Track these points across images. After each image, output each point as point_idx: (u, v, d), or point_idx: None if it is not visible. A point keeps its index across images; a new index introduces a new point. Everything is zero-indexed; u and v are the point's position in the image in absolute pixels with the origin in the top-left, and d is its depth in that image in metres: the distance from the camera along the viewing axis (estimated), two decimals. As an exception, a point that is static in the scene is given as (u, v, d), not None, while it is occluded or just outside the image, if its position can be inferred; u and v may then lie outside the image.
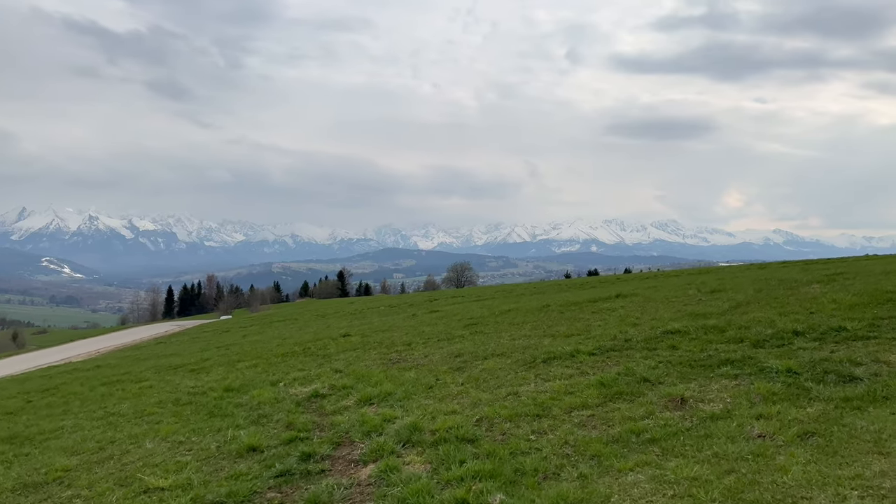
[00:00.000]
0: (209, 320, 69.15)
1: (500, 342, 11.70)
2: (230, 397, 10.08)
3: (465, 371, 9.60)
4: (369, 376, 10.10)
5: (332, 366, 11.81)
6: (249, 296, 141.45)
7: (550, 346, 10.36)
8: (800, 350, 8.01)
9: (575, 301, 17.63)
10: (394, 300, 52.31)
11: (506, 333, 12.84)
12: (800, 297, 12.43)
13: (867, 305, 10.22)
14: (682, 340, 9.42)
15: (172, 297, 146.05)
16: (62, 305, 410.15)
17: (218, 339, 27.86)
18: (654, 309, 13.54)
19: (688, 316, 11.61)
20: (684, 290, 16.62)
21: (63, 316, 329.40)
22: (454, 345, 12.27)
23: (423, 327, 16.54)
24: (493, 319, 15.97)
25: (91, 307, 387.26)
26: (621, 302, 15.90)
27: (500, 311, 17.81)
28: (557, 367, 8.94)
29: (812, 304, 11.08)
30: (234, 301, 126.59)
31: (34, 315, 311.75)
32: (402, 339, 14.45)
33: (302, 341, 17.41)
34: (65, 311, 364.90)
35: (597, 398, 7.22)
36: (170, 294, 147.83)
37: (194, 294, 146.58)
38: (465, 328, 14.80)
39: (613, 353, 9.28)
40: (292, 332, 23.61)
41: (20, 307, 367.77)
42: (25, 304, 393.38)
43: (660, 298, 15.50)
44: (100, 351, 36.72)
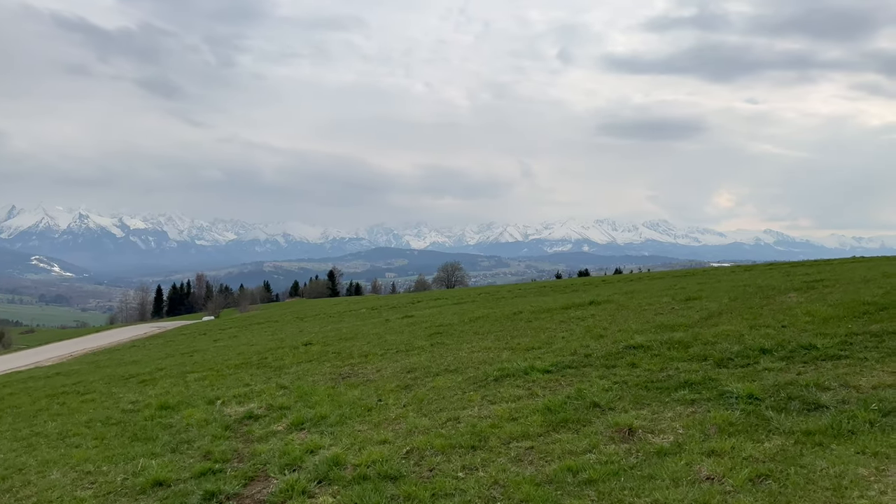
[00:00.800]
0: (192, 321, 68.18)
1: (459, 355, 11.05)
2: (162, 417, 9.39)
3: (413, 390, 8.95)
4: (312, 394, 9.42)
5: (279, 380, 11.12)
6: (239, 295, 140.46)
7: (507, 361, 9.72)
8: (765, 371, 7.39)
9: (548, 308, 17.01)
10: (377, 301, 51.55)
11: (467, 345, 12.20)
12: (775, 307, 11.84)
13: (842, 319, 9.63)
14: (643, 357, 8.80)
15: (161, 297, 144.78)
16: (52, 304, 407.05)
17: (189, 343, 27.10)
18: (623, 319, 12.93)
19: (655, 328, 10.99)
20: (660, 297, 16.03)
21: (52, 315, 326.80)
22: (411, 357, 11.61)
23: (388, 335, 15.87)
24: (460, 327, 15.32)
25: (81, 306, 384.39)
26: (593, 310, 15.28)
27: (471, 318, 17.17)
28: (508, 386, 8.29)
29: (785, 316, 10.48)
30: (223, 301, 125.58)
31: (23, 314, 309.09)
32: (362, 349, 13.78)
33: (263, 350, 16.72)
34: (54, 310, 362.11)
35: (540, 426, 6.57)
36: (159, 293, 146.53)
37: (184, 293, 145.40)
38: (430, 337, 14.14)
39: (569, 371, 8.64)
40: (262, 338, 22.89)
41: (9, 306, 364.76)
42: (14, 303, 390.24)
43: (633, 306, 14.89)
44: (73, 354, 35.84)
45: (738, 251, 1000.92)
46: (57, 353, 38.35)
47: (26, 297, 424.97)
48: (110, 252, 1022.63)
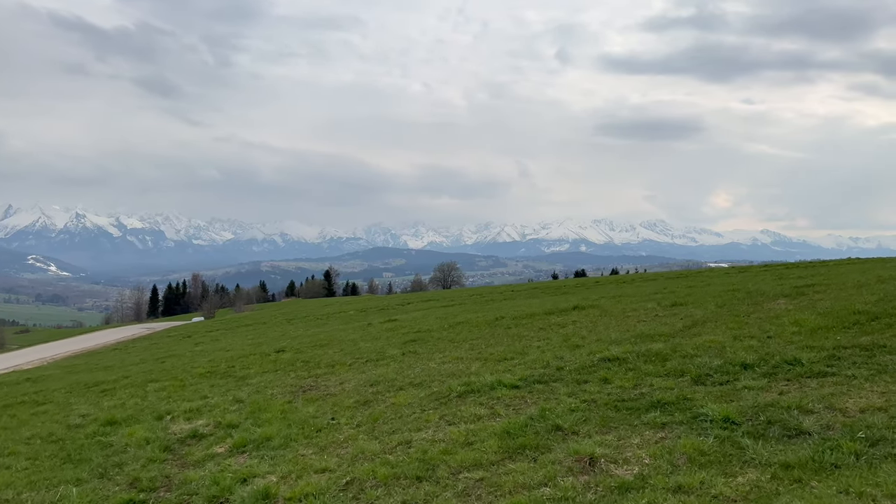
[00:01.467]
0: (184, 322, 67.47)
1: (428, 366, 10.45)
2: (104, 434, 8.77)
3: (371, 406, 8.34)
4: (265, 410, 8.82)
5: (238, 393, 10.51)
6: (235, 296, 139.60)
7: (476, 374, 9.13)
8: (744, 390, 6.79)
9: (531, 313, 16.41)
10: (368, 303, 50.90)
11: (440, 354, 11.59)
12: (762, 315, 11.25)
13: (831, 329, 9.04)
14: (617, 371, 8.21)
15: (157, 297, 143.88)
16: (48, 304, 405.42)
17: (169, 347, 26.47)
18: (604, 326, 12.34)
19: (635, 338, 10.40)
20: (645, 302, 15.43)
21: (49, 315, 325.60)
22: (379, 368, 11.00)
23: (364, 342, 15.26)
24: (438, 334, 14.72)
25: (77, 306, 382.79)
26: (576, 315, 14.69)
27: (452, 324, 16.57)
28: (471, 404, 7.69)
29: (772, 326, 9.90)
30: (218, 301, 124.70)
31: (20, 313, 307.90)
32: (333, 357, 13.16)
33: (236, 356, 16.09)
34: (51, 310, 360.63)
35: (495, 453, 5.97)
36: (154, 294, 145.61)
37: (179, 294, 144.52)
38: (404, 345, 13.54)
39: (538, 387, 8.05)
40: (242, 342, 22.28)
41: (5, 305, 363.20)
42: (11, 303, 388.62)
43: (616, 312, 14.30)
44: (55, 357, 35.17)
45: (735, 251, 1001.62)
46: (40, 356, 37.68)
47: (23, 297, 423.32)
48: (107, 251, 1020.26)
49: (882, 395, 6.21)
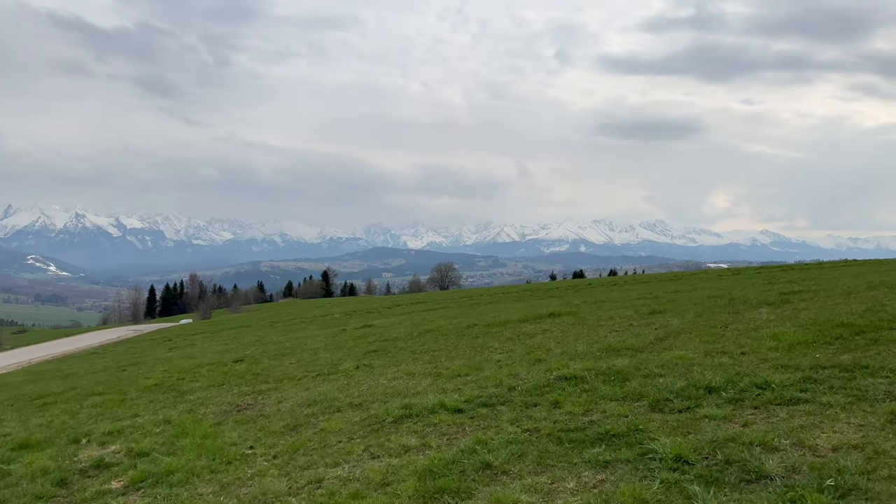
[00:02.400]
0: (172, 324, 66.66)
1: (377, 383, 9.62)
2: (8, 460, 7.94)
3: (298, 433, 7.51)
4: (186, 435, 7.99)
5: (169, 412, 9.69)
6: (231, 296, 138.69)
7: (421, 395, 8.31)
8: (705, 420, 5.96)
9: (505, 320, 15.59)
10: (356, 305, 50.12)
11: (395, 368, 10.77)
12: (741, 326, 10.43)
13: (811, 345, 8.21)
14: (571, 393, 7.38)
15: (155, 297, 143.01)
16: (47, 304, 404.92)
17: (141, 352, 25.65)
18: (574, 337, 11.51)
19: (601, 351, 9.57)
20: (624, 310, 14.61)
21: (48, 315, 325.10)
22: (326, 384, 10.17)
23: (325, 352, 14.43)
24: (403, 343, 13.89)
25: (77, 306, 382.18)
26: (549, 324, 13.86)
27: (422, 331, 15.74)
28: (404, 432, 6.86)
29: (748, 339, 9.07)
30: (215, 301, 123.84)
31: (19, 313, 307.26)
32: (286, 370, 12.33)
33: (194, 366, 15.26)
34: (50, 310, 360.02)
35: (410, 497, 5.14)
36: (152, 294, 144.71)
37: (177, 294, 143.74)
38: (364, 356, 12.72)
39: (482, 411, 7.22)
40: (211, 349, 21.48)
41: (4, 305, 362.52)
42: (10, 303, 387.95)
43: (591, 320, 13.48)
44: (31, 361, 34.36)
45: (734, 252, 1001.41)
46: (20, 359, 36.85)
47: (22, 297, 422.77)
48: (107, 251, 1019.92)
49: (859, 428, 5.38)
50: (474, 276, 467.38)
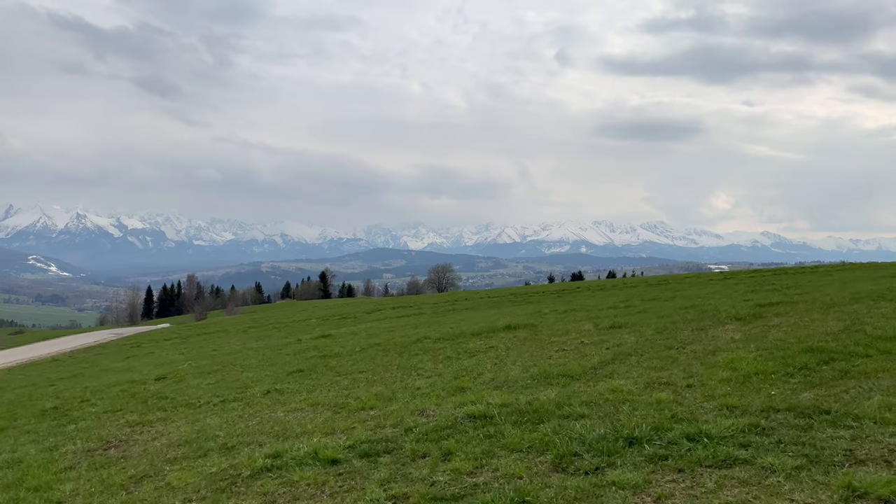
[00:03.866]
0: (148, 328, 65.33)
1: (270, 416, 8.29)
2: None
3: (138, 488, 6.17)
4: (19, 485, 6.67)
5: (31, 448, 8.35)
6: (227, 297, 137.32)
7: (306, 435, 6.99)
8: (610, 489, 4.61)
9: (457, 333, 14.25)
10: (340, 309, 48.73)
11: (304, 395, 9.42)
12: (700, 346, 9.10)
13: (768, 377, 6.88)
14: (472, 438, 6.05)
15: (151, 298, 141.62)
16: (48, 304, 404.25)
17: (93, 362, 24.32)
18: (514, 358, 10.18)
19: (533, 378, 8.25)
20: (584, 323, 13.27)
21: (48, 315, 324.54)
22: (217, 416, 8.82)
23: (253, 370, 13.05)
24: (336, 361, 12.55)
25: (77, 306, 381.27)
26: (498, 339, 12.52)
27: (368, 346, 14.41)
28: (251, 495, 5.52)
29: (700, 368, 7.74)
30: (212, 303, 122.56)
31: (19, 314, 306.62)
32: (192, 394, 10.97)
33: (116, 383, 13.94)
34: (50, 310, 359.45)
35: None
36: (149, 294, 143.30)
37: (174, 295, 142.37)
38: (286, 377, 11.38)
39: (358, 463, 5.86)
40: (157, 361, 20.16)
41: (5, 306, 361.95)
42: (11, 303, 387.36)
43: (545, 336, 12.15)
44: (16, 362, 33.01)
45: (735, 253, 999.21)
46: None
47: (23, 297, 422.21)
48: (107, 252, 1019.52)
49: (806, 511, 4.04)
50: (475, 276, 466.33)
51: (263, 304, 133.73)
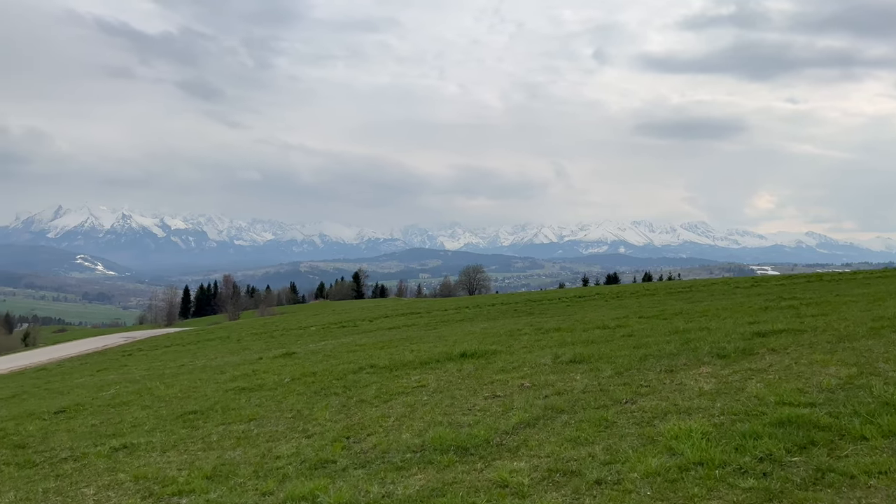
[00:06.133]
0: (170, 330, 64.85)
1: (71, 496, 6.51)
2: None
3: None
4: None
5: None
6: (261, 297, 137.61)
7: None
8: None
9: (407, 362, 12.27)
10: (349, 314, 47.21)
11: (143, 460, 7.53)
12: (653, 402, 6.97)
13: (714, 471, 4.76)
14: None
15: (189, 297, 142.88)
16: (94, 302, 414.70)
17: (61, 377, 23.05)
18: (433, 404, 8.17)
19: (419, 451, 6.25)
20: (544, 354, 11.17)
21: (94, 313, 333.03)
22: (22, 490, 7.05)
23: (148, 408, 11.23)
24: (246, 399, 10.69)
25: (122, 304, 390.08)
26: (438, 373, 10.49)
27: (302, 375, 12.52)
28: None
29: (635, 442, 5.64)
30: (246, 302, 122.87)
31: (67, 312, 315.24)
32: (57, 441, 9.22)
33: (34, 413, 12.36)
34: (96, 308, 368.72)
35: None
36: (186, 294, 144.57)
37: (210, 294, 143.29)
38: (175, 420, 9.55)
39: None
40: (106, 379, 18.69)
41: (54, 304, 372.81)
42: (59, 301, 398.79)
43: (491, 371, 10.11)
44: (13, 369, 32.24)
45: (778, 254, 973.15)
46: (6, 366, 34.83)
47: (71, 295, 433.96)
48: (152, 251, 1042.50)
49: None
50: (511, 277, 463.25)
51: (297, 304, 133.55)
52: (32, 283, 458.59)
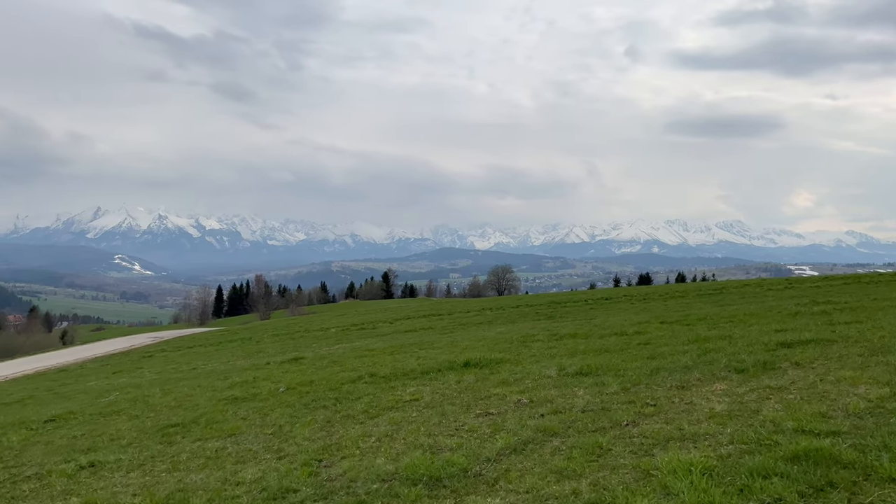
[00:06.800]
0: (199, 330, 65.27)
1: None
2: None
3: None
4: None
5: None
6: (292, 297, 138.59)
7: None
8: None
9: (407, 371, 11.64)
10: (374, 314, 46.83)
11: (104, 482, 7.03)
12: (656, 426, 6.25)
13: None
14: None
15: (222, 297, 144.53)
16: (132, 301, 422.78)
17: (76, 379, 22.99)
18: (421, 421, 7.52)
19: (389, 481, 5.62)
20: (550, 364, 10.45)
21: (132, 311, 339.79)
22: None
23: (134, 419, 10.79)
24: (233, 410, 10.16)
25: (158, 303, 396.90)
26: (435, 385, 9.83)
27: (300, 383, 12.02)
28: None
29: (627, 476, 4.94)
30: (277, 301, 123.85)
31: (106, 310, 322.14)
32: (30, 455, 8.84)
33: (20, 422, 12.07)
34: (134, 307, 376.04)
35: None
36: (219, 294, 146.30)
37: (242, 294, 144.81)
38: (156, 432, 9.06)
39: None
40: (105, 388, 18.45)
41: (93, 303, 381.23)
42: (98, 300, 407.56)
43: (490, 384, 9.42)
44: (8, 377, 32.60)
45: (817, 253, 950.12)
46: (25, 368, 35.25)
47: (109, 294, 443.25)
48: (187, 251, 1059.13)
49: None
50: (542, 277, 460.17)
51: (328, 303, 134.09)
52: (73, 282, 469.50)
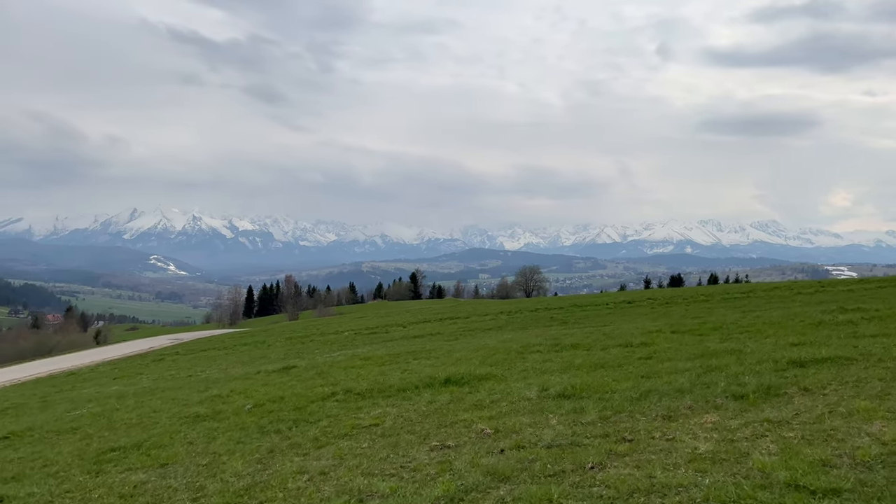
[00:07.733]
0: (223, 331, 65.30)
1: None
2: None
3: None
4: None
5: None
6: (320, 297, 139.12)
7: None
8: None
9: (382, 388, 10.74)
10: (395, 317, 46.04)
11: None
12: (623, 471, 5.24)
13: None
14: None
15: (252, 297, 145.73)
16: (167, 301, 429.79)
17: (77, 385, 22.56)
18: (368, 455, 6.59)
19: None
20: (534, 383, 9.43)
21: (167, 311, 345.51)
22: None
23: (83, 440, 10.05)
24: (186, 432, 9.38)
25: (192, 303, 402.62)
26: (404, 407, 8.88)
27: (270, 399, 11.18)
28: None
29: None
30: (306, 301, 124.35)
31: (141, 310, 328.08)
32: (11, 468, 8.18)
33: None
34: (168, 307, 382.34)
35: None
36: (250, 294, 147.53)
37: (273, 294, 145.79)
38: (97, 456, 8.31)
39: None
40: (89, 397, 17.89)
41: (129, 302, 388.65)
42: (134, 300, 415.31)
43: (462, 407, 8.44)
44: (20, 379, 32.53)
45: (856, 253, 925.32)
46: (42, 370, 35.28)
47: (144, 294, 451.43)
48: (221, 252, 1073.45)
49: None
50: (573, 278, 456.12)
51: (356, 304, 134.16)
52: (109, 282, 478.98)
